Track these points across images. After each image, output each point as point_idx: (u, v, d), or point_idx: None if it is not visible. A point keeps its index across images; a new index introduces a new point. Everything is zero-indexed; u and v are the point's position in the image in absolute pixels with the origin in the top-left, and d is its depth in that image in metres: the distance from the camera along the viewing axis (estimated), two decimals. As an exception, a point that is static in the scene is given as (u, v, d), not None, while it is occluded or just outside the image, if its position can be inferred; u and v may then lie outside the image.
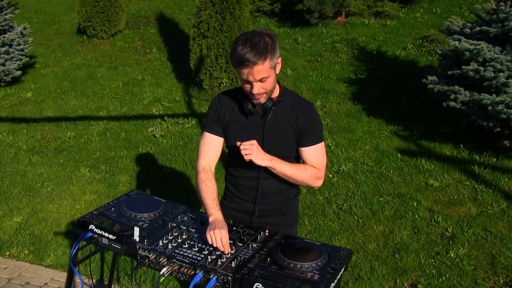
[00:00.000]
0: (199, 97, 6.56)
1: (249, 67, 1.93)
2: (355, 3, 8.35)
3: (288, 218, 2.31)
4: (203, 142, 2.24)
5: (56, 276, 3.61)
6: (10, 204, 4.48)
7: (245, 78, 1.98)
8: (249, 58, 1.91)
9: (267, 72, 1.97)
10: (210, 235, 1.93)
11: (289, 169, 2.11)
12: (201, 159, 2.22)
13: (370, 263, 3.51)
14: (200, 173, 2.19)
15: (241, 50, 1.92)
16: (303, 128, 2.15)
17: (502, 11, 4.63)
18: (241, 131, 2.17)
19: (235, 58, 1.95)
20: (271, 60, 1.96)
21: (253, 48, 1.92)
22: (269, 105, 2.09)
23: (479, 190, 4.28)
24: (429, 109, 5.65)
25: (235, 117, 2.18)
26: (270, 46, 1.96)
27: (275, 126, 2.14)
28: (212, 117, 2.22)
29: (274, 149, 2.15)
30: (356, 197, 4.29)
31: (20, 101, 6.83)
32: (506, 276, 3.33)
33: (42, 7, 11.16)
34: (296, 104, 2.17)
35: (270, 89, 2.05)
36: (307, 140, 2.17)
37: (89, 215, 2.20)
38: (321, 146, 2.21)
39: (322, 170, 2.22)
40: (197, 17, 6.36)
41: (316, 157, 2.20)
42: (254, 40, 1.94)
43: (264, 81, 1.99)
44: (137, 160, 5.16)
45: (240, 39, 1.97)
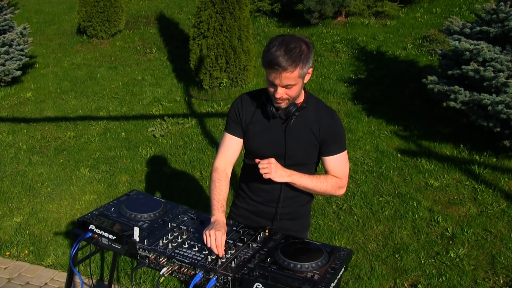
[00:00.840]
0: (199, 97, 6.56)
1: (278, 71, 1.88)
2: (355, 3, 8.35)
3: (300, 223, 2.28)
4: (223, 142, 2.23)
5: (56, 276, 3.61)
6: (10, 204, 4.48)
7: (271, 80, 1.94)
8: (281, 62, 1.86)
9: (294, 80, 1.92)
10: (206, 234, 1.92)
11: (310, 182, 2.08)
12: (218, 159, 2.21)
13: (370, 263, 3.51)
14: (213, 172, 2.18)
15: (274, 52, 1.87)
16: (326, 137, 2.11)
17: (502, 11, 4.63)
18: (261, 134, 2.14)
19: (266, 58, 1.90)
20: (302, 69, 1.91)
21: (287, 53, 1.86)
22: (292, 110, 2.05)
23: (479, 190, 4.28)
24: (429, 109, 5.65)
25: (257, 119, 2.15)
26: (304, 55, 1.90)
27: (297, 132, 2.11)
28: (233, 118, 2.19)
29: (294, 155, 2.12)
30: (356, 197, 4.29)
31: (20, 101, 6.83)
32: (506, 276, 3.33)
33: (42, 7, 11.16)
34: (320, 112, 2.13)
35: (293, 97, 2.01)
36: (330, 150, 2.13)
37: (89, 215, 2.20)
38: (344, 155, 2.17)
39: (345, 179, 2.18)
40: (197, 17, 6.36)
41: (338, 166, 2.16)
42: (290, 45, 1.88)
43: (290, 88, 1.95)
44: (137, 160, 5.16)
45: (277, 40, 1.92)
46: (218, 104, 6.28)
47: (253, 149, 2.20)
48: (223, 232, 1.93)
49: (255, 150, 2.19)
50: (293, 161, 2.13)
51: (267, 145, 2.14)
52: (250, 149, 2.22)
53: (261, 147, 2.16)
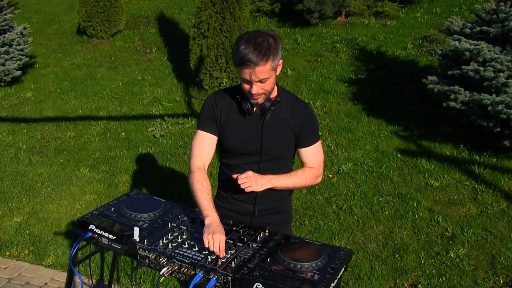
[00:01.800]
0: (199, 97, 6.56)
1: (250, 67, 1.92)
2: (355, 3, 8.35)
3: (282, 216, 2.32)
4: (197, 141, 2.19)
5: (56, 276, 3.61)
6: (10, 204, 4.48)
7: (246, 77, 1.96)
8: (252, 58, 1.90)
9: (268, 73, 1.96)
10: (208, 238, 1.88)
11: (289, 181, 2.14)
12: (195, 158, 2.17)
13: (370, 263, 3.51)
14: (195, 172, 2.13)
15: (244, 50, 1.91)
16: (302, 130, 2.15)
17: (502, 11, 4.63)
18: (238, 131, 2.16)
19: (237, 57, 1.93)
20: (273, 61, 1.95)
21: (256, 48, 1.90)
22: (268, 105, 2.09)
23: (479, 190, 4.28)
24: (429, 109, 5.65)
25: (232, 116, 2.16)
26: (273, 47, 1.94)
27: (273, 126, 2.14)
28: (207, 115, 2.17)
29: (272, 149, 2.15)
30: (356, 197, 4.29)
31: (20, 101, 6.83)
32: (506, 276, 3.33)
33: (42, 7, 11.15)
34: (294, 105, 2.17)
35: (269, 90, 2.05)
36: (306, 141, 2.19)
37: (89, 215, 2.20)
38: (319, 145, 2.24)
39: (320, 168, 2.26)
40: (197, 17, 6.36)
41: (314, 157, 2.23)
42: (257, 40, 1.92)
43: (264, 82, 1.99)
44: (137, 160, 5.16)
45: (243, 38, 1.95)
46: (218, 104, 6.27)
47: (230, 147, 2.20)
48: (222, 232, 1.92)
49: (232, 148, 2.20)
50: (270, 156, 2.17)
51: (244, 142, 2.16)
52: (226, 147, 2.21)
53: (239, 145, 2.18)
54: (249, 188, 1.99)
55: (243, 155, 2.19)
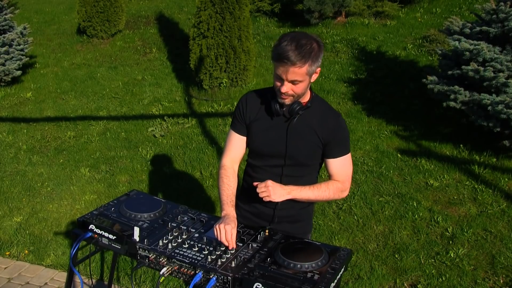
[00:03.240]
0: (199, 97, 6.56)
1: (286, 65, 1.88)
2: (355, 3, 8.35)
3: (301, 226, 2.27)
4: (228, 140, 2.24)
5: (56, 276, 3.61)
6: (10, 204, 4.48)
7: (279, 74, 1.93)
8: (290, 56, 1.86)
9: (302, 76, 1.92)
10: (216, 229, 1.94)
11: (311, 194, 2.08)
12: (225, 156, 2.23)
13: (370, 263, 3.51)
14: (220, 169, 2.21)
15: (285, 46, 1.87)
16: (330, 139, 2.09)
17: (502, 11, 4.63)
18: (264, 132, 2.14)
19: (276, 51, 1.90)
20: (310, 66, 1.91)
21: (298, 48, 1.87)
22: (296, 108, 2.03)
23: (479, 190, 4.28)
24: (429, 109, 5.65)
25: (260, 117, 2.14)
26: (314, 53, 1.90)
27: (300, 131, 2.09)
28: (237, 116, 2.19)
29: (296, 155, 2.11)
30: (356, 197, 4.29)
31: (20, 101, 6.83)
32: (506, 276, 3.33)
33: (42, 7, 11.16)
34: (325, 114, 2.11)
35: (299, 94, 2.00)
36: (334, 152, 2.11)
37: (89, 215, 2.20)
38: (348, 158, 2.15)
39: (347, 182, 2.16)
40: (197, 17, 6.36)
41: (342, 169, 2.14)
42: (301, 41, 1.88)
43: (296, 84, 1.95)
44: (137, 160, 5.16)
45: (288, 35, 1.92)
46: (218, 104, 6.28)
47: (255, 147, 2.19)
48: (233, 225, 1.95)
49: (257, 148, 2.19)
50: (293, 161, 2.12)
51: (269, 144, 2.13)
52: (252, 147, 2.21)
53: (263, 145, 2.15)
54: (267, 198, 1.96)
55: (267, 156, 2.16)
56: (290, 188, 2.02)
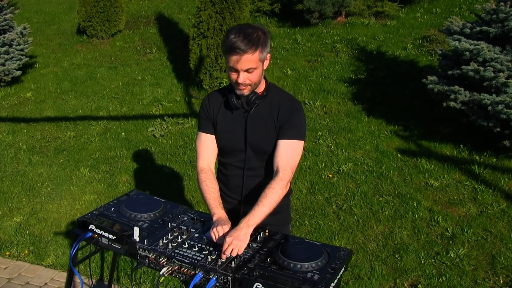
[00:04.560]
0: (199, 97, 6.56)
1: (238, 54, 1.96)
2: (355, 3, 8.35)
3: (280, 217, 2.29)
4: (199, 143, 2.26)
5: (56, 276, 3.61)
6: (10, 204, 4.48)
7: (233, 65, 2.00)
8: (240, 46, 1.94)
9: (255, 63, 2.00)
10: (213, 232, 1.95)
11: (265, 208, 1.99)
12: (200, 160, 2.24)
13: (370, 263, 3.51)
14: (200, 174, 2.21)
15: (233, 38, 1.96)
16: (283, 121, 2.12)
17: (502, 11, 4.63)
18: (226, 127, 2.20)
19: (226, 44, 1.98)
20: (261, 52, 2.00)
21: (246, 37, 1.96)
22: (252, 98, 2.10)
23: (479, 190, 4.28)
24: (429, 109, 5.65)
25: (222, 113, 2.20)
26: (262, 39, 2.00)
27: (258, 120, 2.15)
28: (203, 116, 2.24)
29: (257, 143, 2.16)
30: (356, 197, 4.29)
31: (20, 101, 6.83)
32: (506, 276, 3.33)
33: (42, 7, 11.16)
34: (282, 99, 2.17)
35: (255, 82, 2.06)
36: (284, 133, 2.11)
37: (89, 215, 2.20)
38: (297, 144, 2.13)
39: (289, 170, 2.08)
40: (197, 17, 6.36)
41: (288, 154, 2.10)
42: (247, 31, 1.98)
43: (251, 72, 2.02)
44: (137, 160, 5.16)
45: (234, 29, 2.01)
46: (218, 104, 6.27)
47: (222, 145, 2.24)
48: (229, 226, 1.97)
49: (223, 145, 2.23)
50: (256, 152, 2.17)
51: (232, 138, 2.18)
52: (220, 146, 2.25)
53: (227, 142, 2.21)
54: (241, 250, 1.88)
55: (234, 151, 2.22)
56: (245, 221, 1.94)
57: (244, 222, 1.96)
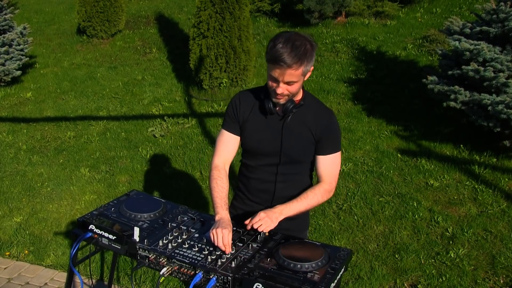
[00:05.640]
0: (199, 97, 6.56)
1: (282, 68, 1.90)
2: (355, 3, 8.35)
3: (298, 223, 2.27)
4: (220, 140, 2.22)
5: (56, 276, 3.61)
6: (10, 204, 4.48)
7: (275, 76, 1.95)
8: (286, 59, 1.88)
9: (297, 77, 1.95)
10: (213, 233, 1.93)
11: (301, 205, 2.07)
12: (216, 156, 2.21)
13: (370, 263, 3.51)
14: (212, 170, 2.18)
15: (281, 48, 1.89)
16: (322, 136, 2.11)
17: (502, 11, 4.63)
18: (258, 131, 2.15)
19: (272, 54, 1.91)
20: (305, 67, 1.94)
21: (293, 50, 1.89)
22: (290, 106, 2.06)
23: (479, 190, 4.28)
24: (429, 109, 5.65)
25: (254, 116, 2.16)
26: (309, 53, 1.94)
27: (294, 129, 2.11)
28: (230, 115, 2.19)
29: (291, 152, 2.13)
30: (356, 197, 4.29)
31: (20, 101, 6.83)
32: (506, 276, 3.33)
33: (42, 7, 11.15)
34: (318, 111, 2.14)
35: (294, 93, 2.03)
36: (324, 149, 2.13)
37: (89, 215, 2.20)
38: (337, 156, 2.17)
39: (334, 182, 2.17)
40: (197, 17, 6.36)
41: (330, 167, 2.16)
42: (296, 43, 1.91)
43: (291, 84, 1.97)
44: (137, 160, 5.16)
45: (282, 36, 1.94)
46: (218, 104, 6.28)
47: (250, 147, 2.20)
48: (229, 229, 1.94)
49: (252, 148, 2.20)
50: (288, 159, 2.15)
51: (264, 143, 2.14)
52: (246, 147, 2.22)
53: (257, 145, 2.17)
54: (266, 229, 1.95)
55: (262, 156, 2.18)
56: (281, 208, 2.02)
57: (279, 208, 2.01)
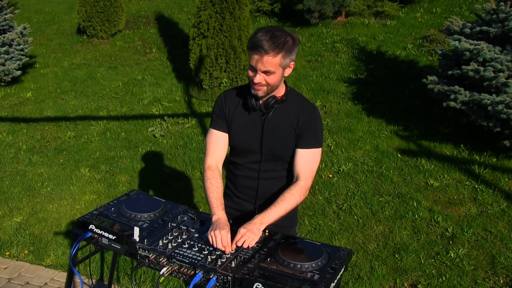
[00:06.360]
0: (199, 97, 6.56)
1: (260, 53, 1.93)
2: (355, 3, 8.35)
3: (287, 219, 2.25)
4: (210, 139, 2.23)
5: (56, 276, 3.61)
6: (10, 204, 4.48)
7: (253, 64, 1.98)
8: (264, 45, 1.91)
9: (275, 67, 1.96)
10: (211, 235, 1.93)
11: (280, 210, 2.02)
12: (208, 157, 2.21)
13: (370, 263, 3.51)
14: (206, 171, 2.18)
15: (260, 36, 1.93)
16: (303, 130, 2.12)
17: (502, 11, 4.63)
18: (242, 128, 2.17)
19: (251, 41, 1.95)
20: (284, 58, 1.96)
21: (272, 38, 1.93)
22: (271, 102, 2.09)
23: (479, 190, 4.28)
24: (429, 109, 5.65)
25: (238, 114, 2.18)
26: (288, 45, 1.96)
27: (276, 124, 2.13)
28: (217, 114, 2.21)
29: (272, 148, 2.15)
30: (356, 197, 4.29)
31: (20, 101, 6.83)
32: (506, 276, 3.33)
33: (42, 7, 11.15)
34: (300, 106, 2.15)
35: (272, 84, 2.03)
36: (305, 142, 2.13)
37: (89, 215, 2.20)
38: (317, 152, 2.15)
39: (310, 179, 2.12)
40: (197, 17, 6.36)
41: (308, 162, 2.13)
42: (276, 33, 1.95)
43: (269, 75, 1.99)
44: (137, 160, 5.16)
45: (264, 28, 1.98)
46: (218, 104, 6.26)
47: (235, 144, 2.23)
48: (227, 230, 1.94)
49: (237, 145, 2.22)
50: (271, 155, 2.16)
51: (247, 140, 2.17)
52: (232, 145, 2.24)
53: (242, 142, 2.19)
54: (252, 242, 1.93)
55: (247, 153, 2.20)
56: (260, 218, 1.98)
57: (258, 218, 1.99)
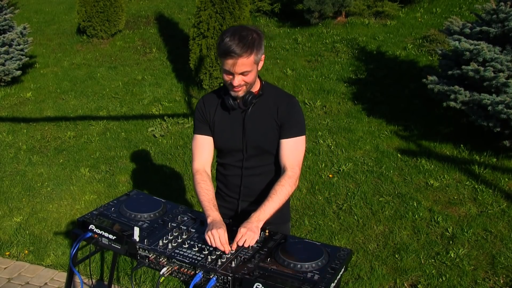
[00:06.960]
0: (199, 97, 6.54)
1: (234, 58, 1.96)
2: (355, 3, 8.35)
3: (279, 216, 2.27)
4: (195, 145, 2.27)
5: (56, 276, 3.61)
6: (10, 204, 4.48)
7: (228, 69, 2.01)
8: (236, 50, 1.95)
9: (250, 66, 2.01)
10: (208, 236, 1.94)
11: (274, 203, 2.04)
12: (195, 162, 2.25)
13: (370, 263, 3.51)
14: (195, 176, 2.21)
15: (229, 41, 1.96)
16: (284, 120, 2.15)
17: (502, 11, 4.63)
18: (225, 129, 2.21)
19: (221, 48, 1.98)
20: (256, 55, 2.01)
21: (241, 41, 1.96)
22: (249, 98, 2.12)
23: (479, 190, 4.28)
24: (429, 109, 5.65)
25: (219, 115, 2.21)
26: (256, 42, 2.01)
27: (257, 119, 2.16)
28: (199, 119, 2.25)
29: (256, 142, 2.17)
30: (356, 197, 4.29)
31: (20, 101, 6.82)
32: (506, 276, 3.33)
33: (42, 7, 11.15)
34: (278, 97, 2.19)
35: (250, 82, 2.08)
36: (287, 132, 2.15)
37: (89, 215, 2.20)
38: (301, 140, 2.18)
39: (297, 168, 2.14)
40: (197, 17, 6.36)
41: (294, 152, 2.15)
42: (242, 34, 1.98)
43: (246, 74, 2.03)
44: (137, 160, 5.16)
45: (229, 31, 2.01)
46: (218, 104, 6.27)
47: (220, 146, 2.26)
48: (224, 229, 1.96)
49: (222, 147, 2.25)
50: (257, 151, 2.18)
51: (231, 139, 2.19)
52: (217, 147, 2.27)
53: (226, 143, 2.22)
54: (253, 241, 1.94)
55: (233, 151, 2.23)
56: (257, 215, 2.00)
57: (255, 216, 2.00)
